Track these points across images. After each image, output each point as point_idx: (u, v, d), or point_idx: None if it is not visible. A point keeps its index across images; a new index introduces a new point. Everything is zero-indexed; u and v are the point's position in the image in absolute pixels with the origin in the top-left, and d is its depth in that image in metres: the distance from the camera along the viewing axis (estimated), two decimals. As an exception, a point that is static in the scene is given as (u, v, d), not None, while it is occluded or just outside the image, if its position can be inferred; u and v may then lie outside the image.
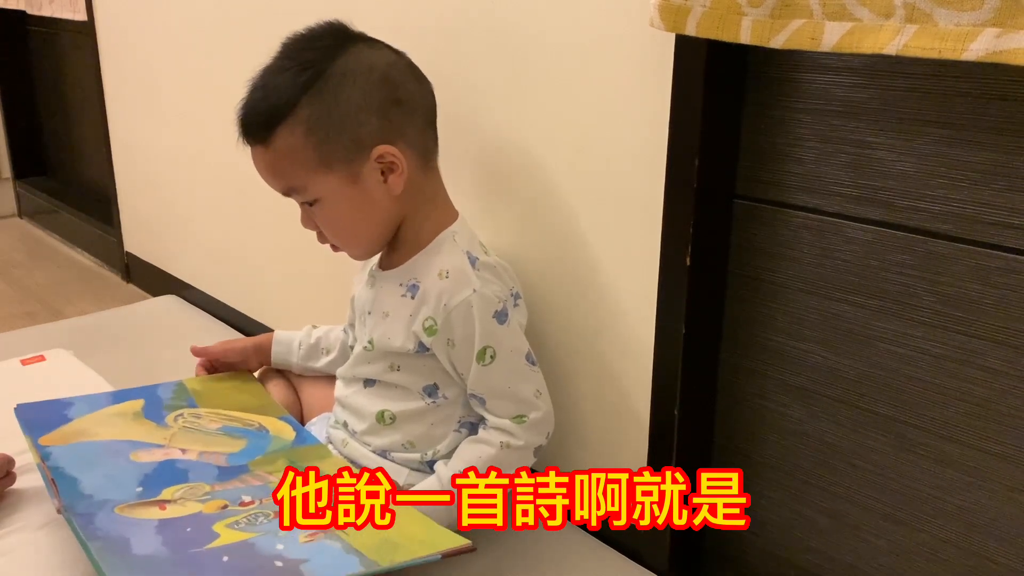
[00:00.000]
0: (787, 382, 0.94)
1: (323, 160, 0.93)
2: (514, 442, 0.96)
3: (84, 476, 0.93)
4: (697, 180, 0.89)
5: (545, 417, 0.98)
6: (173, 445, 1.02)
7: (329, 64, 0.92)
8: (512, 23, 1.03)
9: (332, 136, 0.92)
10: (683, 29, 0.80)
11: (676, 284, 0.93)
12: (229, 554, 0.80)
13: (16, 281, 2.23)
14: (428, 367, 0.99)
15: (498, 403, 0.97)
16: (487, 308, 0.94)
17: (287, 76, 0.92)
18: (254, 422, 1.10)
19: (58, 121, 2.74)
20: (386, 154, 0.94)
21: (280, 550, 0.81)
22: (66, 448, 0.99)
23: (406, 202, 0.98)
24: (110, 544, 0.81)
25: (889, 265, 0.83)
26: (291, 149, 0.93)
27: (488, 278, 0.96)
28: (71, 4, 2.11)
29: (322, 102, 0.92)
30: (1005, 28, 0.62)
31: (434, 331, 0.95)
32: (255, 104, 0.94)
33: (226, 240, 1.74)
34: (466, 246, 0.98)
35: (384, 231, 1.00)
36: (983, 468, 0.81)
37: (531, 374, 0.98)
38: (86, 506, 0.88)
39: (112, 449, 1.00)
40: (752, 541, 1.01)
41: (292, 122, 0.92)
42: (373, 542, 0.83)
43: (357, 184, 0.95)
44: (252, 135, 0.95)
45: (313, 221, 0.99)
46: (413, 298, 0.98)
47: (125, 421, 1.07)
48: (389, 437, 1.03)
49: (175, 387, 1.16)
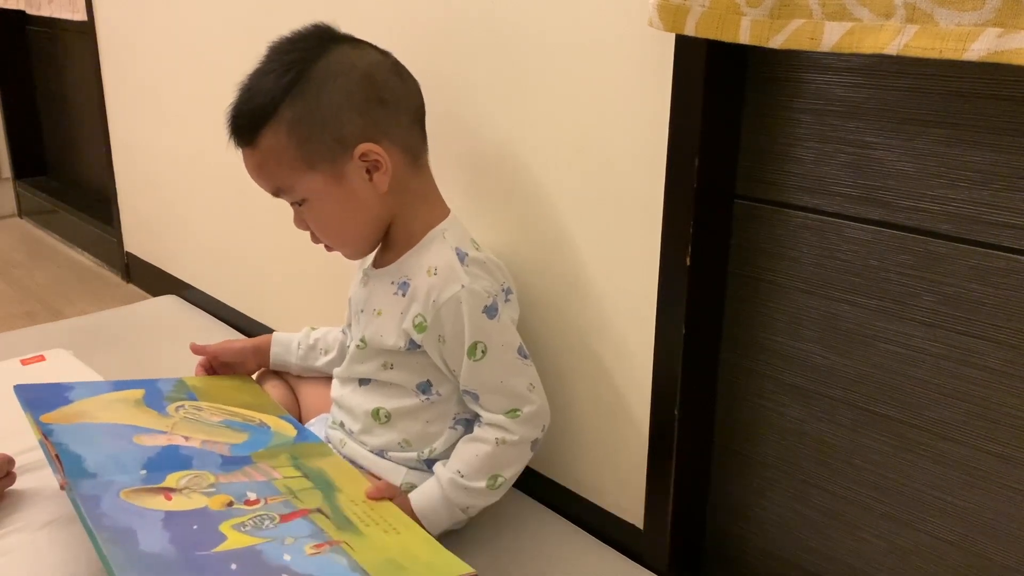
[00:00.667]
0: (787, 382, 0.94)
1: (307, 160, 0.94)
2: (509, 437, 0.96)
3: (88, 453, 0.93)
4: (697, 180, 0.89)
5: (539, 410, 0.98)
6: (176, 432, 1.02)
7: (311, 65, 0.93)
8: (512, 23, 1.03)
9: (315, 136, 0.93)
10: (682, 29, 0.80)
11: (676, 284, 0.93)
12: (237, 561, 0.80)
13: (16, 281, 2.23)
14: (421, 364, 0.99)
15: (491, 398, 0.97)
16: (476, 303, 0.94)
17: (271, 78, 0.94)
18: (255, 418, 1.10)
19: (58, 121, 2.74)
20: (369, 152, 0.94)
21: (287, 561, 0.81)
22: (68, 427, 0.98)
23: (395, 200, 0.99)
24: (117, 535, 0.81)
25: (889, 265, 0.83)
26: (276, 150, 0.94)
27: (477, 273, 0.96)
28: (71, 4, 2.11)
29: (304, 102, 0.93)
30: (1006, 28, 0.62)
31: (424, 328, 0.96)
32: (241, 106, 0.96)
33: (226, 240, 1.74)
34: (455, 243, 0.99)
35: (374, 230, 1.01)
36: (983, 468, 0.81)
37: (523, 368, 0.98)
38: (91, 487, 0.87)
39: (115, 431, 1.00)
40: (752, 541, 1.01)
41: (276, 123, 0.93)
42: (379, 561, 0.82)
43: (342, 183, 0.96)
44: (239, 137, 0.97)
45: (304, 222, 1.00)
46: (404, 296, 0.98)
47: (127, 407, 1.07)
48: (385, 436, 1.03)
49: (175, 382, 1.16)
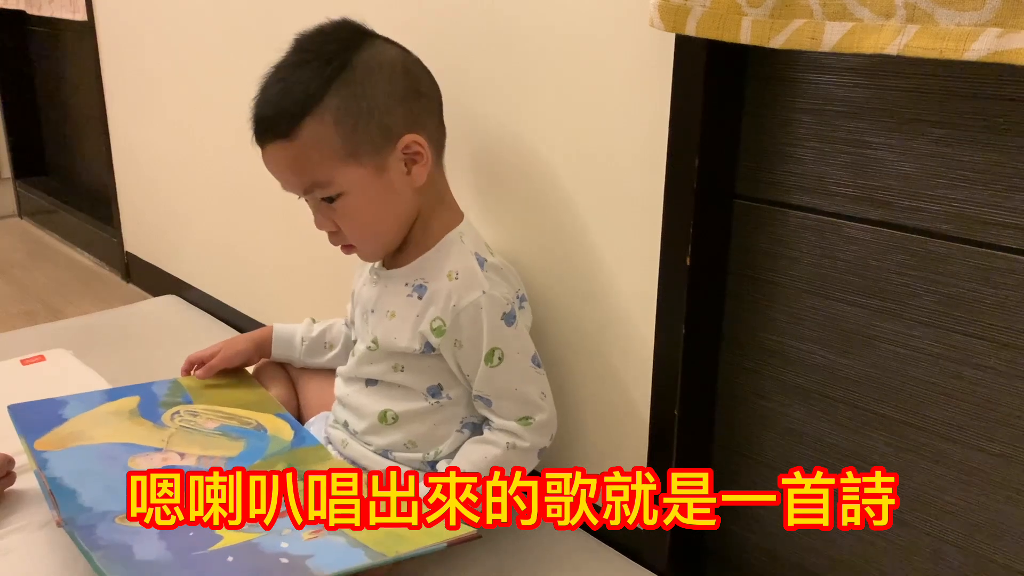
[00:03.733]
0: (787, 382, 0.94)
1: (351, 151, 0.92)
2: (520, 443, 0.96)
3: (83, 488, 0.92)
4: (697, 180, 0.89)
5: (550, 419, 0.98)
6: (171, 448, 1.02)
7: (353, 55, 0.92)
8: (512, 23, 1.03)
9: (361, 126, 0.92)
10: (683, 29, 0.80)
11: (676, 284, 0.93)
12: (233, 555, 0.80)
13: (16, 281, 2.23)
14: (433, 368, 0.99)
15: (504, 404, 0.97)
16: (496, 310, 0.94)
17: (310, 68, 0.92)
18: (252, 420, 1.09)
19: (58, 121, 2.73)
20: (412, 143, 0.94)
21: (285, 548, 0.81)
22: (62, 454, 0.98)
23: (422, 197, 0.98)
24: (113, 551, 0.81)
25: (889, 265, 0.83)
26: (319, 140, 0.91)
27: (496, 280, 0.96)
28: (71, 4, 2.10)
29: (350, 92, 0.91)
30: (1006, 28, 0.62)
31: (442, 332, 0.95)
32: (276, 99, 0.92)
33: (226, 240, 1.74)
34: (473, 247, 0.98)
35: (403, 226, 0.99)
36: (983, 468, 0.81)
37: (537, 376, 0.98)
38: (87, 518, 0.87)
39: (109, 455, 0.99)
40: (752, 541, 1.01)
41: (320, 112, 0.91)
42: (379, 535, 0.83)
43: (383, 176, 0.94)
44: (274, 130, 0.92)
45: (330, 220, 0.97)
46: (420, 298, 0.97)
47: (121, 421, 1.07)
48: (391, 437, 1.02)
49: (170, 384, 1.16)
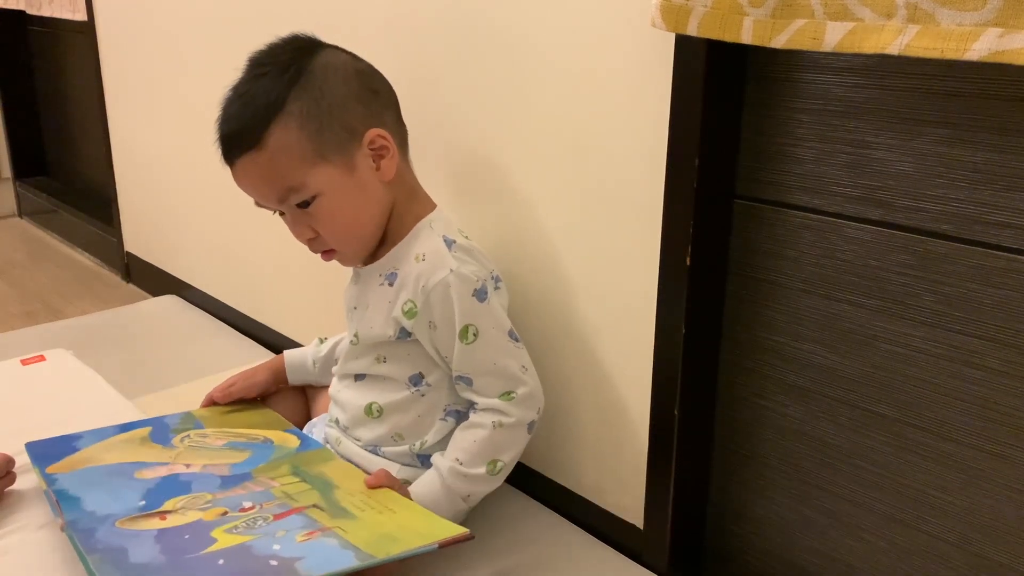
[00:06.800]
0: (787, 382, 0.94)
1: (319, 151, 0.94)
2: (506, 420, 0.97)
3: (87, 495, 0.93)
4: (697, 180, 0.89)
5: (533, 392, 0.99)
6: (178, 461, 1.02)
7: (308, 61, 0.95)
8: (512, 23, 1.03)
9: (325, 125, 0.94)
10: (684, 29, 0.80)
11: (676, 284, 0.93)
12: (225, 558, 0.80)
13: (16, 281, 2.23)
14: (413, 355, 1.00)
15: (485, 381, 0.97)
16: (466, 287, 0.95)
17: (268, 79, 0.94)
18: (259, 436, 1.10)
19: (58, 121, 2.74)
20: (377, 138, 0.96)
21: (276, 550, 0.81)
22: (71, 474, 0.98)
23: (394, 192, 1.00)
24: (108, 555, 0.81)
25: (889, 265, 0.83)
26: (286, 145, 0.93)
27: (465, 259, 0.97)
28: (71, 4, 2.11)
29: (310, 95, 0.93)
30: (1007, 28, 0.62)
31: (414, 313, 0.96)
32: (238, 113, 0.94)
33: (226, 240, 1.74)
34: (442, 231, 0.99)
35: (379, 225, 1.01)
36: (983, 468, 0.81)
37: (515, 350, 0.98)
38: (88, 521, 0.87)
39: (117, 470, 1.00)
40: (752, 541, 1.01)
41: (284, 118, 0.93)
42: (371, 538, 0.82)
43: (354, 174, 0.96)
44: (241, 144, 0.94)
45: (308, 226, 0.97)
46: (391, 285, 0.99)
47: (131, 445, 1.07)
48: (377, 430, 1.03)
49: (182, 416, 1.16)
